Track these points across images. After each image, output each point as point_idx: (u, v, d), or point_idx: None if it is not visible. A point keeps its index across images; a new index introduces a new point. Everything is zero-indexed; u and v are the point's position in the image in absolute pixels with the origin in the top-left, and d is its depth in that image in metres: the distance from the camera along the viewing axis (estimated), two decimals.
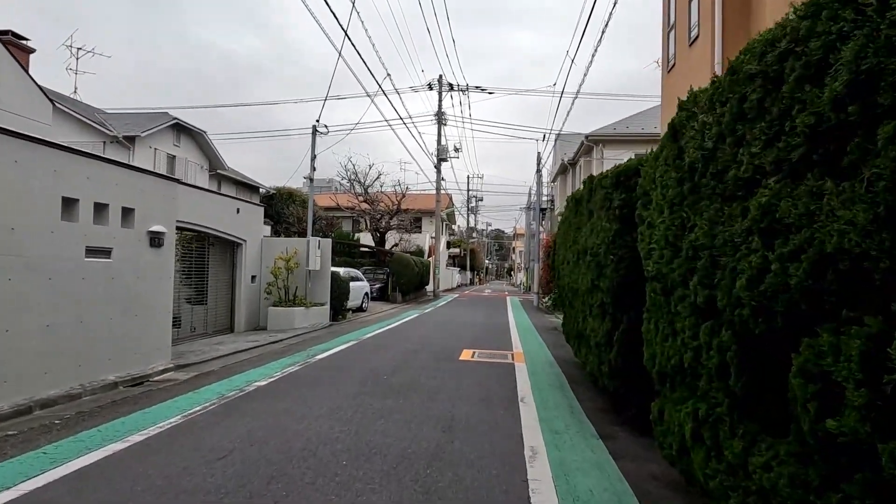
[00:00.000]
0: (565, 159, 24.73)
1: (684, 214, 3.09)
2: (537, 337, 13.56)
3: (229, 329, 14.78)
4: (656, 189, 3.62)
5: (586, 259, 6.35)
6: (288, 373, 8.11)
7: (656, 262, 3.55)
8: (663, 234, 3.36)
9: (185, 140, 22.94)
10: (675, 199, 3.21)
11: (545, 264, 23.31)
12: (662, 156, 3.53)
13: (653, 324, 3.78)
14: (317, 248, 15.62)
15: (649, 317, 3.90)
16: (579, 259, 6.95)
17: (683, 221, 3.10)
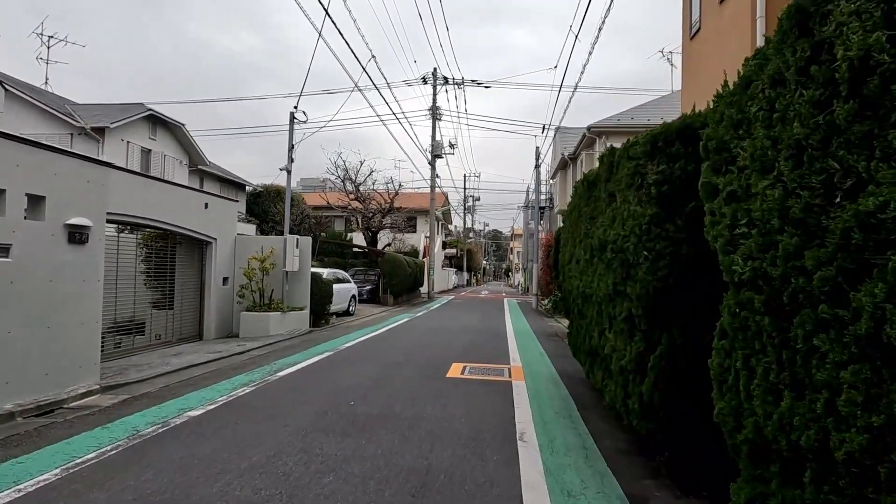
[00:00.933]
0: (565, 153, 23.28)
1: (836, 165, 1.59)
2: (537, 345, 12.06)
3: (198, 336, 13.29)
4: (753, 133, 2.13)
5: (605, 256, 4.85)
6: (235, 397, 6.60)
7: (753, 258, 2.06)
8: (776, 207, 1.87)
9: (162, 133, 21.41)
10: (809, 139, 1.71)
11: (545, 265, 21.83)
12: (767, 74, 2.03)
13: (738, 360, 2.29)
14: (294, 247, 14.11)
15: (729, 348, 2.41)
16: (594, 257, 5.45)
17: (830, 177, 1.61)
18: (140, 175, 10.96)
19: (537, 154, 24.96)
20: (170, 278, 13.19)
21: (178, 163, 22.44)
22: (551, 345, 12.25)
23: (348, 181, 29.07)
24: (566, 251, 7.87)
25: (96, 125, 18.14)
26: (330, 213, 34.42)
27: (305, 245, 14.67)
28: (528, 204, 37.40)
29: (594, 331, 5.48)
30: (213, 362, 9.39)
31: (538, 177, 25.06)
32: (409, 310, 22.53)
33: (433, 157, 31.02)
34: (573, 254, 6.93)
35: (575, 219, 6.92)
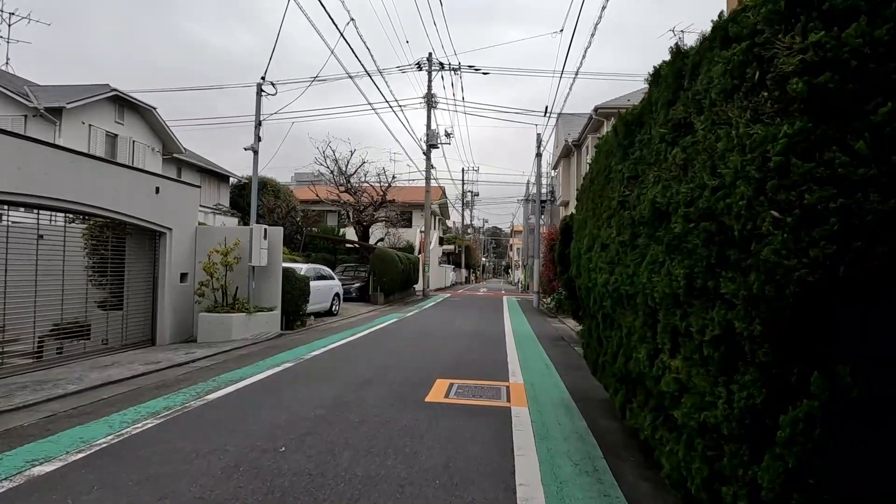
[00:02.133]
0: (569, 140, 21.35)
1: None
2: (541, 352, 10.14)
3: (150, 341, 11.41)
4: None
5: (668, 231, 2.92)
6: (121, 438, 4.68)
7: None
8: None
9: (131, 117, 19.48)
10: None
11: (547, 260, 19.90)
12: None
13: None
14: (262, 239, 12.18)
15: None
16: (638, 235, 3.53)
17: None
18: (63, 150, 9.02)
19: (538, 141, 23.02)
20: (119, 275, 11.33)
21: (150, 150, 20.50)
22: (557, 352, 10.34)
23: (338, 173, 27.10)
24: (582, 236, 5.94)
25: (51, 105, 16.21)
26: (321, 207, 32.50)
27: (275, 236, 12.74)
28: (529, 197, 35.51)
29: (639, 349, 3.54)
30: (140, 377, 7.47)
31: (539, 166, 23.15)
32: (400, 309, 20.60)
33: (428, 146, 29.05)
34: (595, 237, 5.00)
35: (598, 189, 4.99)
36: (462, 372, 7.75)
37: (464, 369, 7.98)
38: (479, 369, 8.02)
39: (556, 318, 17.97)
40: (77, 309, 10.82)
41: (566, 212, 25.39)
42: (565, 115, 24.31)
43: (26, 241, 8.65)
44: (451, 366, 8.24)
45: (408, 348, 10.16)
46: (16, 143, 7.94)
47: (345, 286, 22.32)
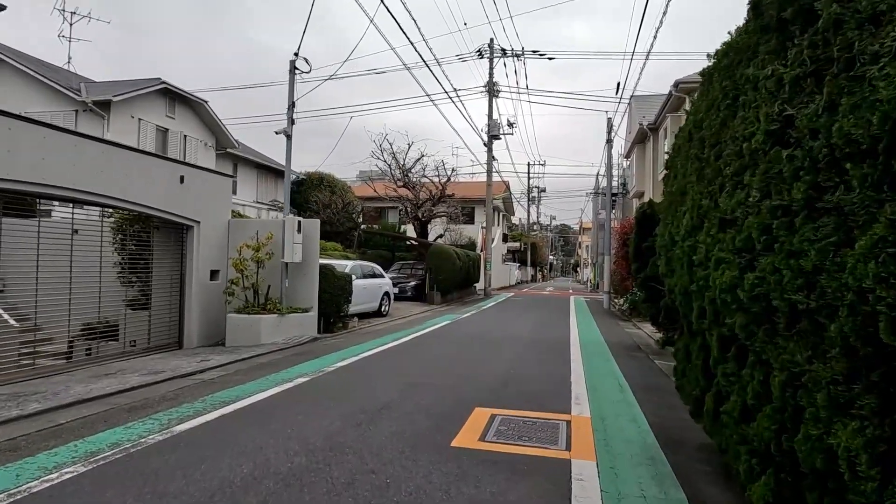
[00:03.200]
0: (644, 123, 19.01)
1: None
2: (613, 367, 8.21)
3: (176, 344, 10.40)
4: None
5: None
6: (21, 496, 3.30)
7: None
8: None
9: (182, 111, 18.90)
10: None
11: (620, 257, 17.69)
12: None
13: None
14: (295, 232, 10.88)
15: None
16: (823, 190, 1.69)
17: None
18: (63, 131, 7.98)
19: (609, 126, 20.75)
20: (147, 272, 10.40)
21: (203, 144, 19.91)
22: (634, 367, 8.37)
23: (395, 167, 25.81)
24: (676, 217, 4.09)
25: (98, 98, 15.72)
26: (382, 204, 31.42)
27: (311, 229, 11.43)
28: (598, 190, 33.04)
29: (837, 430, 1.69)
30: (126, 393, 6.22)
31: (610, 153, 20.87)
32: (456, 309, 18.99)
33: (489, 137, 27.27)
34: (704, 212, 3.15)
35: (711, 134, 3.13)
36: (511, 394, 6.00)
37: (513, 390, 6.23)
38: (533, 391, 6.25)
39: (630, 322, 15.79)
40: (106, 308, 9.95)
41: (639, 204, 22.92)
42: (639, 97, 21.86)
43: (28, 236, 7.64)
44: (498, 384, 6.51)
45: (451, 358, 8.51)
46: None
47: (399, 284, 21.01)
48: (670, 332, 10.80)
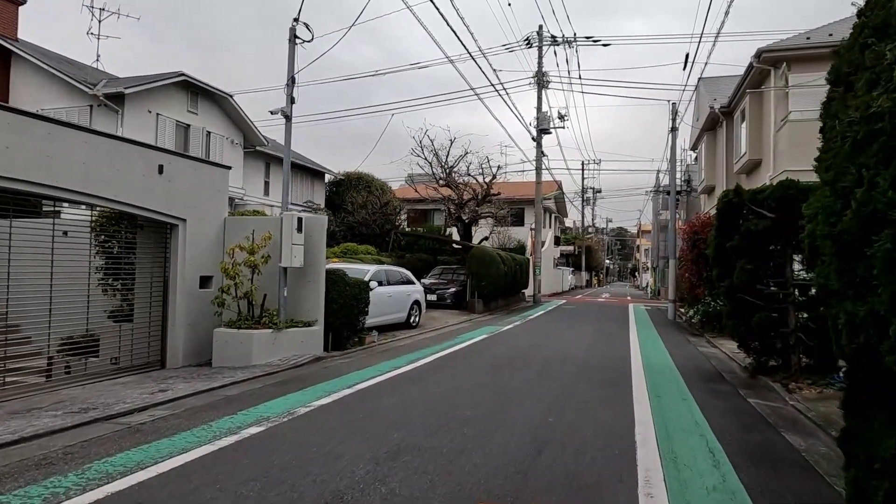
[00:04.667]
0: (715, 106, 16.30)
1: None
2: (696, 414, 5.88)
3: (159, 363, 8.79)
4: None
5: None
6: None
7: None
8: None
9: (206, 106, 17.64)
10: None
11: (688, 261, 15.09)
12: None
13: None
14: (294, 231, 9.07)
15: None
16: None
17: None
18: None
19: (674, 112, 18.08)
20: (131, 279, 8.92)
21: (230, 142, 18.62)
22: (724, 412, 6.02)
23: (437, 164, 23.86)
24: None
25: (110, 91, 14.56)
26: (426, 206, 29.61)
27: (316, 228, 9.60)
28: (659, 188, 30.12)
29: None
30: (19, 445, 4.49)
31: (674, 143, 18.17)
32: (499, 319, 16.83)
33: (538, 131, 24.96)
34: None
35: None
36: (542, 475, 3.86)
37: (548, 464, 4.09)
38: (578, 467, 4.09)
39: (703, 338, 13.19)
40: (85, 320, 8.50)
41: (709, 201, 20.05)
42: (707, 80, 19.07)
43: None
44: (525, 451, 4.38)
45: (470, 394, 6.41)
46: None
47: (438, 291, 19.04)
48: (763, 357, 8.32)
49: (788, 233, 7.58)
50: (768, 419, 5.86)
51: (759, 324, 7.55)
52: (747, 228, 7.71)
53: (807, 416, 6.05)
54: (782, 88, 12.60)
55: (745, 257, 7.75)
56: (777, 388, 7.33)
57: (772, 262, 7.98)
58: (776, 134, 12.60)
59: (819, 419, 5.87)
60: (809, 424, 5.81)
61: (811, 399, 6.78)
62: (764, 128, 13.68)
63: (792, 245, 7.70)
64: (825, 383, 7.27)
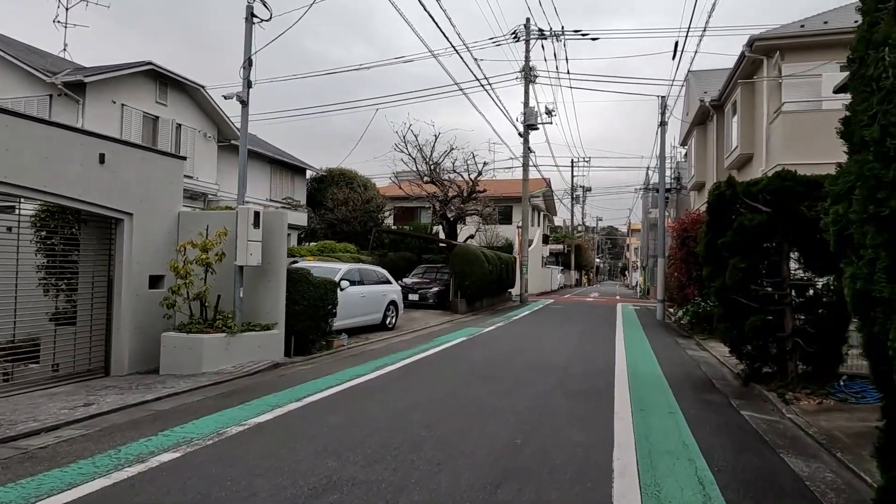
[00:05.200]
0: (706, 99, 15.67)
1: None
2: (685, 435, 5.18)
3: (102, 371, 8.04)
4: None
5: None
6: None
7: None
8: None
9: (176, 97, 16.78)
10: None
11: (677, 259, 14.46)
12: None
13: None
14: (250, 227, 8.31)
15: None
16: None
17: None
18: None
19: (662, 107, 17.43)
20: (76, 278, 8.18)
21: (202, 135, 17.76)
22: (717, 429, 5.33)
23: (420, 157, 23.06)
24: None
25: (69, 80, 13.70)
26: (413, 203, 28.82)
27: (275, 223, 8.84)
28: (648, 185, 29.52)
29: None
30: None
31: (663, 138, 17.53)
32: (482, 320, 16.12)
33: (525, 127, 24.26)
34: None
35: None
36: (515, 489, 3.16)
37: (504, 498, 3.38)
38: (539, 497, 3.39)
39: (692, 340, 12.54)
40: (26, 323, 7.79)
41: (699, 198, 19.43)
42: (697, 73, 18.43)
43: None
44: (481, 480, 3.67)
45: (433, 408, 5.69)
46: None
47: (420, 290, 18.32)
48: (757, 363, 7.65)
49: (785, 228, 6.91)
50: (764, 436, 5.19)
51: (754, 328, 6.88)
52: (741, 224, 7.03)
53: (807, 433, 5.38)
54: (775, 78, 11.96)
55: (739, 255, 7.07)
56: (772, 398, 6.66)
57: (767, 261, 7.32)
58: (769, 126, 11.97)
59: (821, 436, 5.20)
60: (811, 443, 5.14)
61: (810, 412, 6.11)
62: (756, 121, 13.06)
63: (789, 241, 7.03)
64: (825, 393, 6.61)
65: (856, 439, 5.18)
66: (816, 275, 7.16)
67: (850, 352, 7.05)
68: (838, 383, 6.86)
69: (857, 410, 6.15)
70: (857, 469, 4.38)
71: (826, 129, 11.61)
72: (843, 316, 6.76)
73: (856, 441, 5.10)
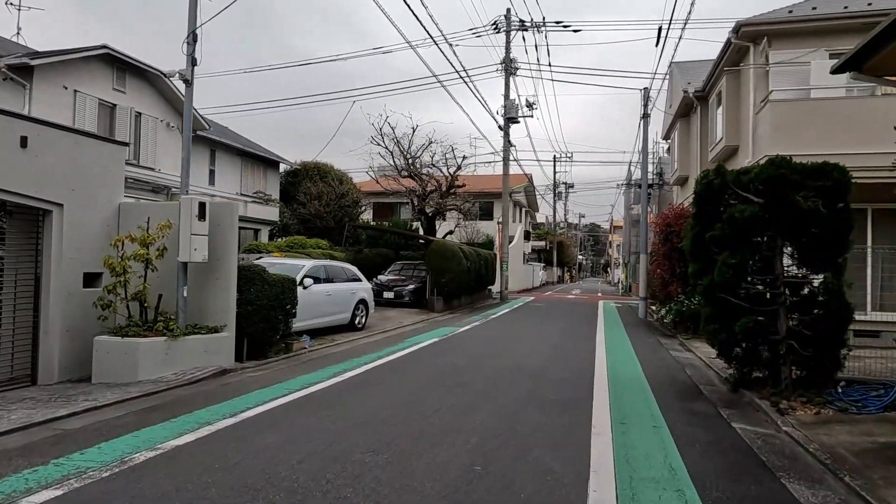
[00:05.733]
0: (690, 90, 15.11)
1: None
2: (671, 454, 4.50)
3: (28, 378, 7.17)
4: None
5: None
6: None
7: None
8: None
9: (135, 84, 15.77)
10: None
11: (661, 255, 13.89)
12: None
13: None
14: (194, 219, 7.48)
15: None
16: None
17: None
18: None
19: (645, 98, 16.84)
20: None
21: (164, 125, 16.76)
22: (706, 447, 4.66)
23: (397, 151, 22.25)
24: None
25: (14, 62, 12.67)
26: (392, 199, 28.01)
27: (224, 215, 8.02)
28: (631, 181, 29.02)
29: None
30: None
31: (646, 132, 16.93)
32: (458, 319, 15.42)
33: (506, 120, 23.58)
34: None
35: None
36: None
37: None
38: None
39: (675, 339, 11.96)
40: None
41: (682, 193, 18.90)
42: (681, 65, 17.87)
43: None
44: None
45: (385, 425, 4.94)
46: None
47: (395, 288, 17.58)
48: (747, 368, 7.03)
49: (779, 220, 6.28)
50: (761, 455, 4.54)
51: (746, 330, 6.25)
52: (731, 216, 6.39)
53: (808, 451, 4.73)
54: (763, 66, 11.37)
55: (728, 250, 6.43)
56: (765, 406, 6.02)
57: (758, 256, 6.69)
58: (756, 116, 11.40)
59: (824, 455, 4.56)
60: (814, 463, 4.49)
61: (808, 423, 5.48)
62: (742, 111, 12.48)
63: (783, 235, 6.40)
64: (822, 401, 5.99)
65: (863, 458, 4.55)
66: (811, 271, 6.54)
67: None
68: (836, 390, 6.26)
69: (860, 422, 5.53)
70: (870, 498, 3.74)
71: (816, 119, 11.13)
72: (842, 316, 6.17)
73: (864, 461, 4.47)
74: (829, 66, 11.40)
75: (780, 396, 6.11)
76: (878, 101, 10.46)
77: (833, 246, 6.23)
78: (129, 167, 15.50)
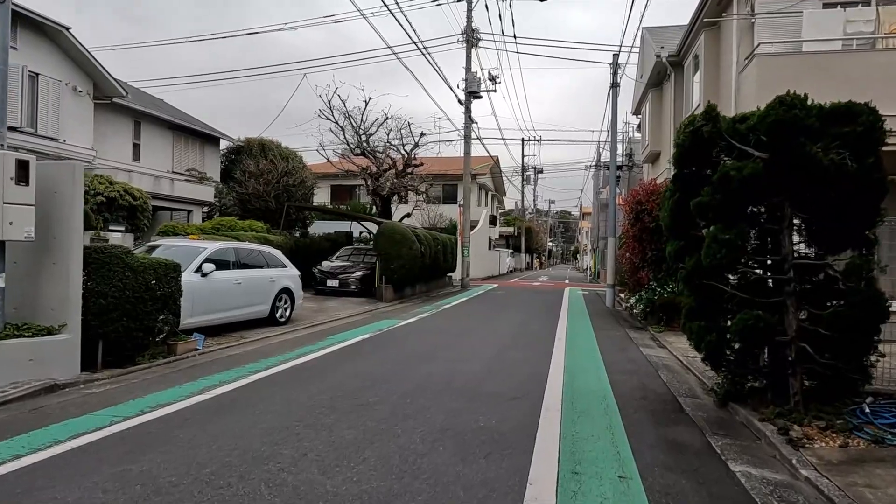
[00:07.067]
0: (663, 55, 13.43)
1: None
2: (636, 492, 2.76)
3: None
4: None
5: None
6: None
7: None
8: None
9: (32, 40, 13.39)
10: None
11: (631, 237, 12.27)
12: None
13: None
14: (9, 182, 5.45)
15: None
16: None
17: None
18: None
19: (615, 66, 15.16)
20: None
21: (70, 88, 14.40)
22: (690, 487, 2.95)
23: (350, 130, 20.18)
24: None
25: None
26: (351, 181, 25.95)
27: (61, 181, 5.99)
28: (599, 162, 27.55)
29: None
30: None
31: (615, 101, 15.26)
32: (407, 310, 13.62)
33: (467, 95, 21.67)
34: None
35: None
36: None
37: None
38: None
39: (647, 332, 10.38)
40: None
41: (653, 171, 17.36)
42: (654, 30, 16.20)
43: None
44: None
45: (222, 481, 3.14)
46: None
47: (341, 276, 15.68)
48: (738, 377, 5.40)
49: (790, 181, 4.60)
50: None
51: (745, 329, 4.57)
52: (724, 175, 4.68)
53: None
54: (748, 17, 9.74)
55: (721, 222, 4.74)
56: (770, 433, 4.37)
57: (757, 229, 5.03)
58: (739, 76, 9.81)
59: None
60: None
61: (836, 463, 3.84)
62: (722, 73, 10.90)
63: (793, 202, 4.73)
64: (846, 426, 4.36)
65: None
66: (827, 251, 4.89)
67: None
68: (860, 408, 4.66)
69: None
70: None
71: (808, 75, 9.49)
72: (872, 311, 4.54)
73: None
74: (824, 17, 9.91)
75: (790, 419, 4.47)
76: (880, 55, 8.95)
77: (859, 215, 4.58)
78: (23, 136, 13.23)
